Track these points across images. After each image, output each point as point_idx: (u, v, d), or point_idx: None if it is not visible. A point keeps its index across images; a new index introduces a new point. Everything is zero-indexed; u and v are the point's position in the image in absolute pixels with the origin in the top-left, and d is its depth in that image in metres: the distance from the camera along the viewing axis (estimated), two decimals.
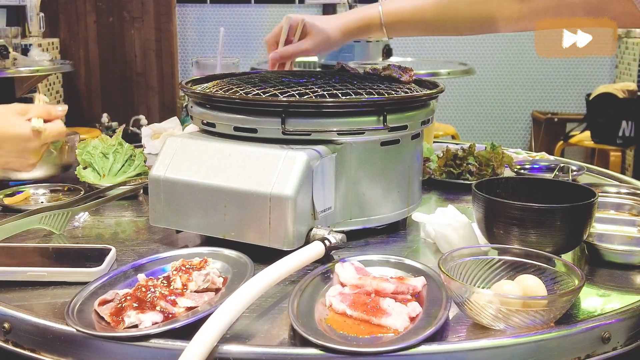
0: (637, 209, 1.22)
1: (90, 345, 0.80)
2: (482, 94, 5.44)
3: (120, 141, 1.46)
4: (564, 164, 1.57)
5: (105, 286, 0.92)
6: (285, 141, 1.07)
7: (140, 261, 0.99)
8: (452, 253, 0.92)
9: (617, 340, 0.84)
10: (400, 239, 1.18)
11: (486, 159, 1.51)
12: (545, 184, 1.12)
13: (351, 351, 0.76)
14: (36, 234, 1.17)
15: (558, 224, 0.97)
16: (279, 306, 0.90)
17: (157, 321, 0.82)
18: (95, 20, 5.15)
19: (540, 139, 5.20)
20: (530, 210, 0.97)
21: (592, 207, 0.99)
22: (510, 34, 5.30)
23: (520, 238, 0.98)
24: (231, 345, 0.78)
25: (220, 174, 1.05)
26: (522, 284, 0.85)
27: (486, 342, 0.79)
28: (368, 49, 3.27)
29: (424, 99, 1.17)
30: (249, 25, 5.39)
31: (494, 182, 1.11)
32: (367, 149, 1.11)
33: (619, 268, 1.04)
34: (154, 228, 1.17)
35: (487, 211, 1.01)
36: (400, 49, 5.05)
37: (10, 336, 0.85)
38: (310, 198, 1.03)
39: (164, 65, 5.21)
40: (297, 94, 1.09)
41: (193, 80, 1.29)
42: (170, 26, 5.17)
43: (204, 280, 0.90)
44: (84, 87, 5.24)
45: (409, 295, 0.89)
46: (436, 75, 3.38)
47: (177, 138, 1.12)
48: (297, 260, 0.93)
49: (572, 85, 5.39)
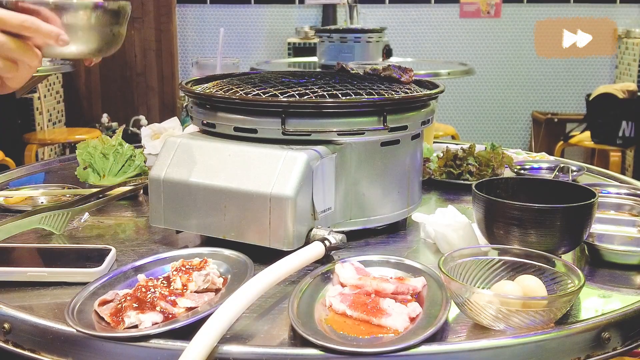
0: (637, 209, 1.22)
1: (90, 345, 0.80)
2: (482, 94, 5.45)
3: (120, 141, 1.47)
4: (564, 164, 1.57)
5: (105, 286, 0.91)
6: (285, 141, 1.07)
7: (140, 261, 0.99)
8: (452, 253, 0.92)
9: (617, 341, 0.84)
10: (400, 239, 1.18)
11: (486, 159, 1.51)
12: (545, 184, 1.12)
13: (351, 351, 0.76)
14: (36, 233, 1.17)
15: (558, 224, 0.97)
16: (279, 306, 0.90)
17: (157, 321, 0.82)
18: None
19: (540, 139, 5.21)
20: (530, 210, 0.97)
21: (592, 208, 0.99)
22: (510, 34, 5.31)
23: (520, 238, 0.98)
24: (231, 346, 0.78)
25: (220, 174, 1.05)
26: (522, 284, 0.85)
27: (486, 343, 0.79)
28: (368, 49, 3.27)
29: (424, 99, 1.17)
30: (249, 25, 5.40)
31: (494, 183, 1.11)
32: (367, 150, 1.11)
33: (619, 268, 1.04)
34: (154, 228, 1.17)
35: (487, 211, 1.01)
36: (400, 49, 5.06)
37: (10, 336, 0.84)
38: (310, 198, 1.03)
39: (164, 66, 5.22)
40: (297, 94, 1.09)
41: (193, 81, 1.29)
42: (170, 26, 5.17)
43: (204, 280, 0.90)
44: (84, 87, 5.24)
45: (409, 296, 0.89)
46: (436, 75, 3.38)
47: (177, 138, 1.12)
48: (297, 261, 0.93)
49: (572, 85, 5.40)
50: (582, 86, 5.34)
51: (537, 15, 5.31)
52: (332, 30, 3.40)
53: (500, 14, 5.32)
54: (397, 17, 5.34)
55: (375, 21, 5.15)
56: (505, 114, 5.48)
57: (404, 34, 5.35)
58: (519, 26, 5.33)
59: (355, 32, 3.32)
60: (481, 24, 5.35)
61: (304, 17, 5.39)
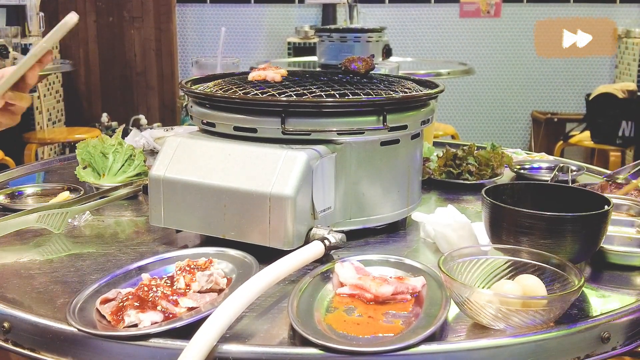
0: (635, 209, 1.22)
1: (89, 344, 0.80)
2: (482, 94, 5.45)
3: (120, 141, 1.46)
4: (563, 164, 1.57)
5: (108, 285, 0.92)
6: (285, 141, 1.07)
7: (145, 261, 0.99)
8: (452, 253, 0.92)
9: (617, 340, 0.84)
10: (400, 238, 1.18)
11: (486, 159, 1.51)
12: (556, 190, 1.10)
13: (351, 351, 0.76)
14: (36, 233, 1.17)
15: (572, 234, 0.95)
16: (279, 306, 0.90)
17: (157, 321, 0.82)
18: (95, 20, 5.15)
19: (540, 139, 5.20)
20: (544, 219, 0.95)
21: (607, 216, 0.97)
22: (510, 34, 5.31)
23: (532, 247, 0.95)
24: (231, 345, 0.78)
25: (220, 173, 1.05)
26: (522, 284, 0.85)
27: (486, 342, 0.79)
28: (368, 48, 3.26)
29: (424, 98, 1.17)
30: (248, 25, 5.40)
31: (508, 187, 1.09)
32: (367, 149, 1.11)
33: (619, 269, 1.04)
34: (154, 228, 1.17)
35: (493, 216, 1.00)
36: (400, 48, 5.06)
37: (10, 336, 0.84)
38: (310, 198, 1.03)
39: (164, 65, 5.21)
40: (297, 94, 1.09)
41: (193, 80, 1.29)
42: (170, 26, 5.17)
43: (207, 280, 0.90)
44: (84, 87, 5.24)
45: (408, 295, 0.89)
46: (436, 75, 3.37)
47: (177, 138, 1.12)
48: (297, 260, 0.93)
49: (572, 85, 5.39)
50: (582, 86, 5.34)
51: (537, 15, 5.31)
52: (332, 29, 3.40)
53: (500, 13, 5.32)
54: (397, 16, 5.34)
55: (375, 21, 5.15)
56: (505, 114, 5.48)
57: (404, 33, 5.35)
58: (519, 26, 5.33)
59: (355, 31, 3.31)
60: (481, 24, 5.34)
61: (304, 16, 5.39)
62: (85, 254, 1.08)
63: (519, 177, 1.57)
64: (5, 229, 1.12)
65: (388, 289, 0.88)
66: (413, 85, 1.24)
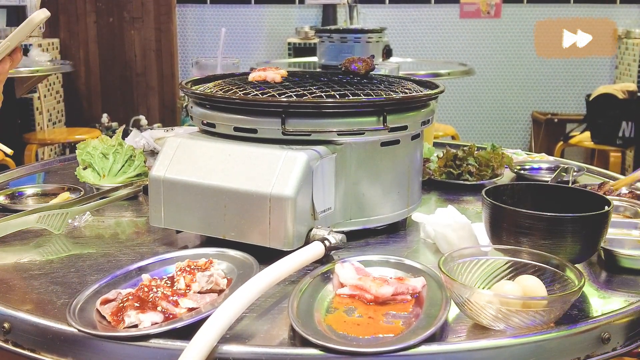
0: (631, 210, 1.21)
1: (89, 344, 0.80)
2: (482, 95, 5.45)
3: (120, 141, 1.46)
4: (564, 164, 1.57)
5: (109, 285, 0.92)
6: (285, 141, 1.07)
7: (145, 261, 0.99)
8: (452, 253, 0.92)
9: (617, 341, 0.84)
10: (400, 239, 1.18)
11: (486, 159, 1.51)
12: (564, 192, 1.10)
13: (351, 351, 0.76)
14: (36, 233, 1.17)
15: (572, 234, 0.95)
16: (279, 306, 0.90)
17: (157, 321, 0.82)
18: (95, 20, 5.15)
19: (540, 139, 5.20)
20: (544, 219, 0.95)
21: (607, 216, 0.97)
22: (510, 34, 5.31)
23: (532, 247, 0.95)
24: (231, 345, 0.78)
25: (220, 174, 1.05)
26: (522, 284, 0.85)
27: (486, 343, 0.79)
28: (368, 49, 3.26)
29: (424, 99, 1.17)
30: (249, 25, 5.40)
31: (508, 188, 1.09)
32: (367, 150, 1.11)
33: (619, 269, 1.04)
34: (154, 228, 1.17)
35: (493, 216, 1.00)
36: (400, 49, 5.06)
37: (10, 336, 0.85)
38: (310, 198, 1.03)
39: (164, 66, 5.22)
40: (297, 94, 1.09)
41: (193, 81, 1.29)
42: (170, 26, 5.17)
43: (207, 281, 0.90)
44: (84, 87, 5.24)
45: (408, 296, 0.89)
46: (436, 75, 3.37)
47: (177, 138, 1.12)
48: (297, 261, 0.93)
49: (572, 85, 5.39)
50: (582, 86, 5.34)
51: (537, 16, 5.31)
52: (332, 30, 3.39)
53: (500, 14, 5.32)
54: (397, 17, 5.34)
55: (375, 21, 5.15)
56: (505, 114, 5.48)
57: (404, 34, 5.35)
58: (519, 26, 5.33)
59: (355, 32, 3.31)
60: (481, 24, 5.34)
61: (304, 17, 5.39)
62: (85, 255, 1.08)
63: (519, 178, 1.57)
64: (5, 230, 1.12)
65: (388, 290, 0.88)
66: (413, 86, 1.24)
